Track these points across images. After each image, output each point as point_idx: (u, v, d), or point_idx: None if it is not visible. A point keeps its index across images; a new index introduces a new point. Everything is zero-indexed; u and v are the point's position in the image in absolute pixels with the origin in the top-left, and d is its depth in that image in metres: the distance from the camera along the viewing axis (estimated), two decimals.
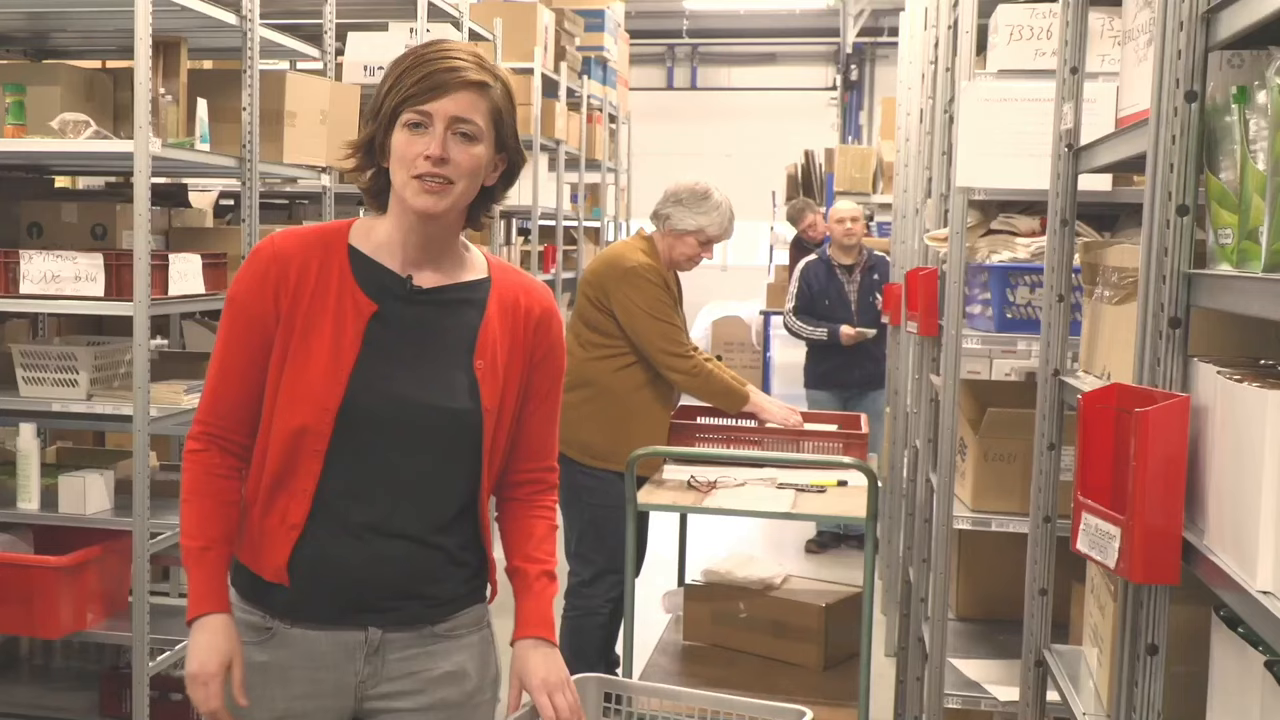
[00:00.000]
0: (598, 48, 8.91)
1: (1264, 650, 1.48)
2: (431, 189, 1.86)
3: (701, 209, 4.05)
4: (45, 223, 4.00)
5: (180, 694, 4.12)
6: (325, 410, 1.90)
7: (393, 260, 1.96)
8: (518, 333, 2.01)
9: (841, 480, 3.75)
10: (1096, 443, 1.74)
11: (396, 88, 1.87)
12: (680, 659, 3.83)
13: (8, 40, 4.53)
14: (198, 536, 1.95)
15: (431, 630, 1.99)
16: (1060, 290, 2.42)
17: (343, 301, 1.93)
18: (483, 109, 1.88)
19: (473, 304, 2.00)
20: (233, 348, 1.96)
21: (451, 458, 1.97)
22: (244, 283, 1.95)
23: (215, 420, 1.97)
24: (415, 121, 1.86)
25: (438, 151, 1.85)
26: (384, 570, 1.94)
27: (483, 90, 1.88)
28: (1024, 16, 3.08)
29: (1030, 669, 2.47)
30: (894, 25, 11.71)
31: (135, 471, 3.50)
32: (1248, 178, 1.49)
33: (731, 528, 7.19)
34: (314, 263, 1.94)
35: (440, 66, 1.86)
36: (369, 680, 1.96)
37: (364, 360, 1.92)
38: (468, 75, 1.87)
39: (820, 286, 6.68)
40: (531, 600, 2.04)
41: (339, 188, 4.61)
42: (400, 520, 1.94)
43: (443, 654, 1.99)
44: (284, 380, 1.92)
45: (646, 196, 12.56)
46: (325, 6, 4.44)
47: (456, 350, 1.97)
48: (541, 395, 2.07)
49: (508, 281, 2.04)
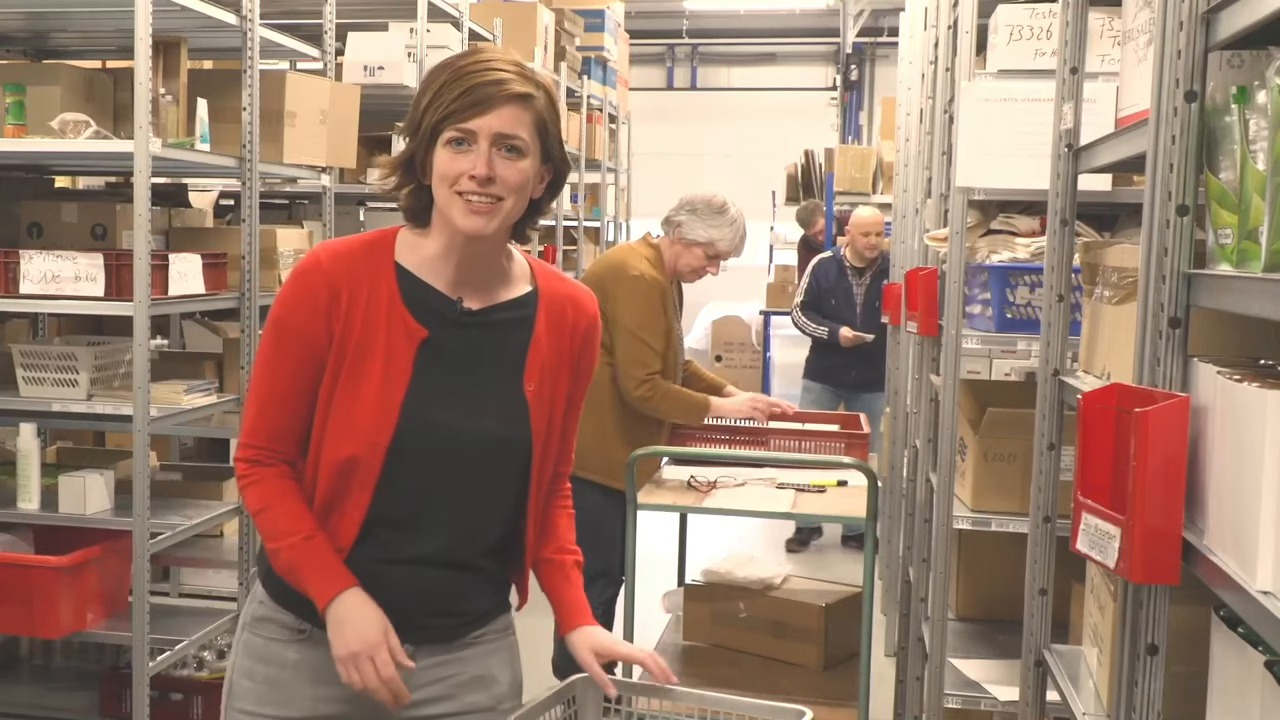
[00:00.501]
0: (598, 48, 8.91)
1: (1264, 650, 1.48)
2: (479, 209, 1.80)
3: (715, 222, 3.98)
4: (45, 223, 4.00)
5: (180, 694, 4.14)
6: (375, 445, 1.85)
7: (439, 279, 1.90)
8: (563, 348, 1.98)
9: (841, 480, 3.75)
10: (1096, 443, 1.74)
11: (436, 103, 1.80)
12: (680, 659, 3.82)
13: (8, 40, 4.53)
14: (294, 532, 1.87)
15: (462, 640, 1.98)
16: (1060, 290, 2.42)
17: (393, 327, 1.87)
18: (527, 122, 1.82)
19: (522, 323, 1.95)
20: (281, 371, 1.88)
21: (501, 483, 1.95)
22: (293, 305, 1.88)
23: (264, 444, 1.90)
24: (457, 139, 1.79)
25: (484, 171, 1.78)
26: (424, 594, 1.93)
27: (527, 102, 1.81)
28: (1024, 16, 3.08)
29: (1030, 669, 2.47)
30: (894, 25, 11.71)
31: (135, 471, 3.50)
32: (1248, 178, 1.49)
33: (731, 528, 7.19)
34: (364, 284, 1.87)
35: (482, 80, 1.79)
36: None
37: (414, 390, 1.87)
38: (512, 88, 1.80)
39: (829, 285, 6.80)
40: (573, 590, 2.03)
41: (339, 188, 4.62)
42: (448, 550, 1.93)
43: (472, 659, 1.99)
44: (334, 409, 1.87)
45: (646, 196, 12.61)
46: (325, 6, 4.44)
47: (506, 374, 1.93)
48: (576, 401, 2.04)
49: (555, 292, 1.99)
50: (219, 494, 4.30)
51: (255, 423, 1.91)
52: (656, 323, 3.91)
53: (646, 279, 3.91)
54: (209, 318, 4.92)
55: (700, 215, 3.98)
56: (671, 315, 4.02)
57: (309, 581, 1.87)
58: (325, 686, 1.92)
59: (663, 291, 3.95)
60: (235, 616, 4.01)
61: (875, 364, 6.59)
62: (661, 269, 4.00)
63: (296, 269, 1.91)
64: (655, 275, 3.94)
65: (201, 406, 3.85)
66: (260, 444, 1.90)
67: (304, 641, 1.93)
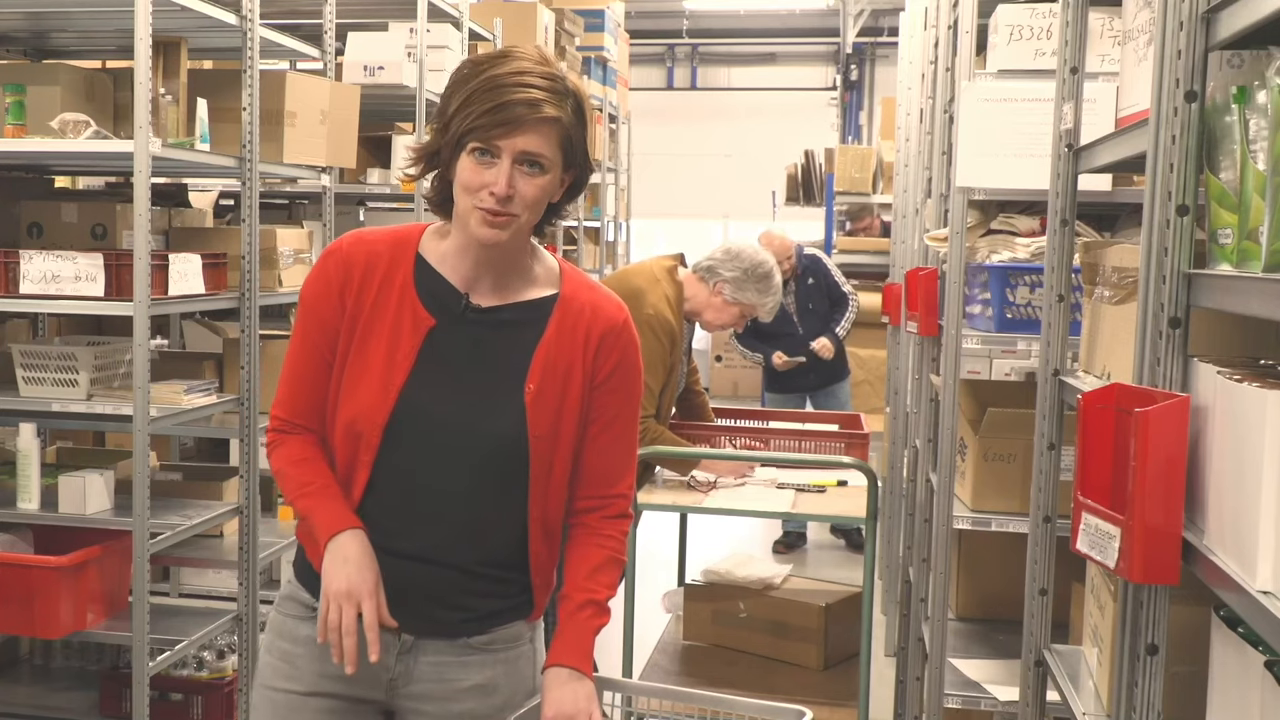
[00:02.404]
0: (598, 48, 8.90)
1: (1264, 650, 1.48)
2: (495, 223, 1.83)
3: (761, 288, 3.92)
4: (45, 223, 4.00)
5: (180, 694, 4.14)
6: (374, 423, 1.90)
7: (454, 274, 1.93)
8: (576, 355, 1.95)
9: (841, 480, 3.76)
10: (1096, 443, 1.74)
11: (465, 111, 1.80)
12: (680, 658, 3.83)
13: (8, 40, 4.53)
14: (310, 482, 1.94)
15: (467, 642, 1.97)
16: (1060, 290, 2.42)
17: (402, 312, 1.91)
18: (554, 140, 1.82)
19: (531, 325, 1.95)
20: (306, 348, 1.96)
21: (497, 484, 1.94)
22: (313, 285, 1.96)
23: (293, 416, 1.98)
24: (481, 149, 1.80)
25: (503, 190, 1.79)
26: (421, 588, 1.94)
27: (556, 123, 1.81)
28: (1024, 16, 3.08)
29: (1030, 669, 2.47)
30: (894, 25, 11.72)
31: (135, 471, 3.50)
32: (1248, 178, 1.49)
33: (732, 528, 7.20)
34: (380, 267, 1.92)
35: (515, 98, 1.78)
36: (400, 679, 1.97)
37: (415, 377, 1.90)
38: (544, 112, 1.79)
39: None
40: (571, 629, 1.97)
41: (339, 188, 4.61)
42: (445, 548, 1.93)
43: (476, 666, 1.98)
44: (343, 385, 1.93)
45: (646, 196, 12.60)
46: (325, 6, 4.44)
47: (508, 373, 1.93)
48: (606, 420, 1.99)
49: (578, 300, 1.97)
50: (219, 494, 4.30)
51: (281, 395, 2.00)
52: (659, 366, 3.78)
53: (659, 320, 3.78)
54: (209, 318, 4.92)
55: (750, 278, 3.91)
56: (677, 355, 3.92)
57: (317, 521, 1.91)
58: (330, 665, 1.92)
59: (672, 334, 3.83)
60: (235, 616, 4.02)
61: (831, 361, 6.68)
62: (678, 308, 3.89)
63: (324, 254, 1.99)
64: (669, 317, 3.82)
65: (201, 406, 3.85)
66: (285, 415, 1.99)
67: (314, 619, 1.95)
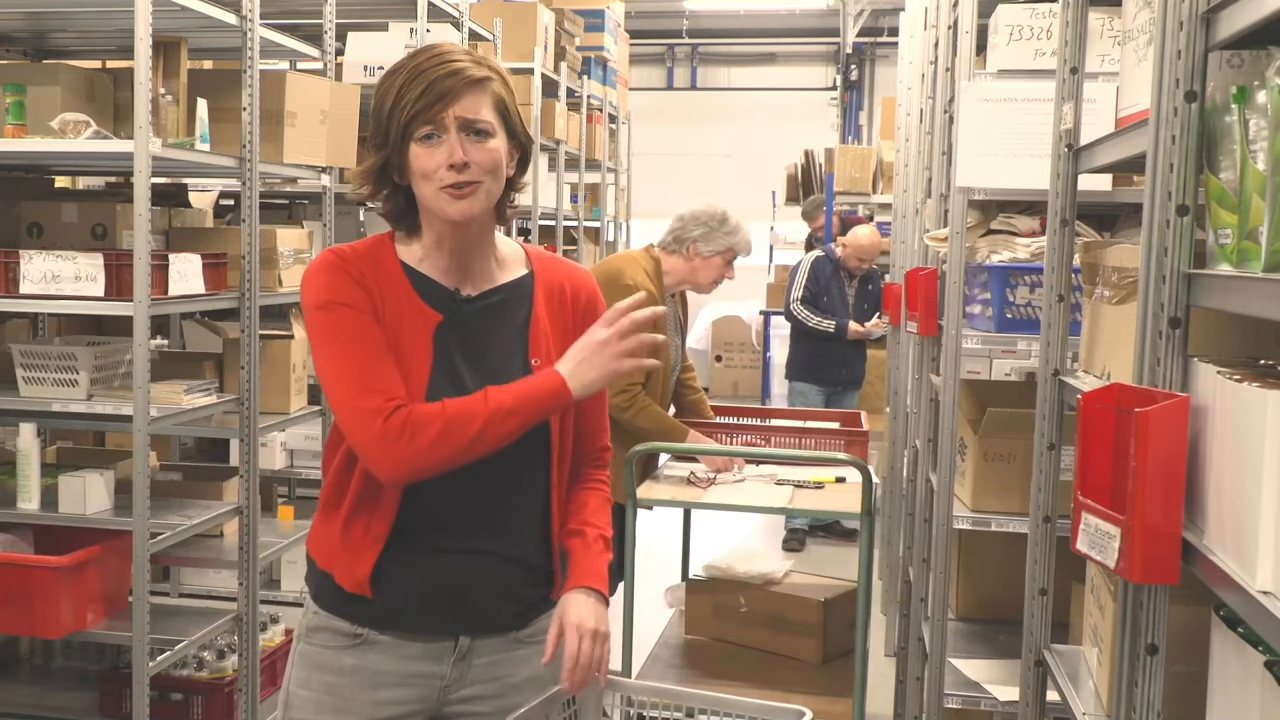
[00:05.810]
0: (598, 48, 8.90)
1: (1264, 650, 1.48)
2: (461, 194, 1.86)
3: (726, 229, 4.13)
4: (45, 223, 4.00)
5: (180, 694, 4.14)
6: None
7: (436, 271, 1.97)
8: (566, 320, 2.03)
9: (840, 477, 3.76)
10: (1096, 443, 1.74)
11: (400, 106, 1.86)
12: (681, 652, 3.84)
13: (8, 40, 4.53)
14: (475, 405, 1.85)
15: (516, 636, 2.00)
16: (1060, 290, 2.42)
17: (411, 315, 1.93)
18: (488, 104, 1.89)
19: (520, 302, 2.01)
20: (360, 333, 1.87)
21: (524, 461, 1.96)
22: (334, 285, 1.90)
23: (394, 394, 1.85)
24: (428, 134, 1.85)
25: (460, 158, 1.85)
26: (470, 581, 1.95)
27: (485, 85, 1.89)
28: (1024, 16, 3.08)
29: (1030, 669, 2.47)
30: (894, 25, 11.72)
31: (135, 471, 3.50)
32: (1247, 178, 1.49)
33: (733, 524, 7.21)
34: (378, 278, 1.92)
35: (441, 73, 1.85)
36: (454, 684, 1.98)
37: (437, 369, 1.92)
38: (470, 75, 1.87)
39: (825, 282, 7.09)
40: (590, 558, 2.00)
41: (339, 188, 4.61)
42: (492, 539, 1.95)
43: (524, 660, 2.01)
44: None
45: (646, 197, 12.61)
46: (325, 6, 4.44)
47: (512, 351, 1.98)
48: None
49: (551, 272, 2.06)
50: (219, 494, 4.30)
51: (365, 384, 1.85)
52: None
53: (639, 288, 3.87)
54: (209, 318, 4.92)
55: (711, 228, 4.12)
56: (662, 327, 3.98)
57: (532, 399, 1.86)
58: (384, 690, 1.94)
59: (654, 303, 3.92)
60: (235, 616, 4.02)
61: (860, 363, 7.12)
62: (659, 281, 4.08)
63: (317, 267, 1.93)
64: (650, 287, 3.99)
65: (201, 406, 3.85)
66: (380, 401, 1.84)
67: (360, 646, 1.96)
